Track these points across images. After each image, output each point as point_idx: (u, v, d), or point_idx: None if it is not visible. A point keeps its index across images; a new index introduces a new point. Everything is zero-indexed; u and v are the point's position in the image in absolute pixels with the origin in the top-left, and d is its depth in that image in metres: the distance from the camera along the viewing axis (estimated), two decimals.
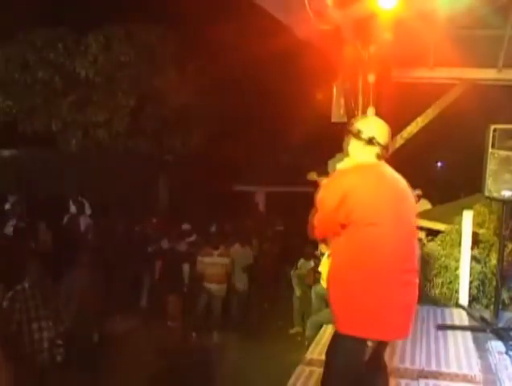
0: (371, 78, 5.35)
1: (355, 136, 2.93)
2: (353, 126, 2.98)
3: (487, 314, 5.32)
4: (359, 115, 5.52)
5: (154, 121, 13.58)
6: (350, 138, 2.96)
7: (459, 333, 4.73)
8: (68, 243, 9.18)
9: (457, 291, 5.64)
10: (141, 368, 5.53)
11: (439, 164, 23.01)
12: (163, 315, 5.97)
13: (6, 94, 12.98)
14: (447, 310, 5.38)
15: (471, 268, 5.63)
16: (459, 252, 5.69)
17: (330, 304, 2.92)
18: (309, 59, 7.83)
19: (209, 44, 13.30)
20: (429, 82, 6.50)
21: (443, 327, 4.79)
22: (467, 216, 5.59)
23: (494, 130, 4.91)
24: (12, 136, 14.04)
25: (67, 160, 14.52)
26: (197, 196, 14.99)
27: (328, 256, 6.07)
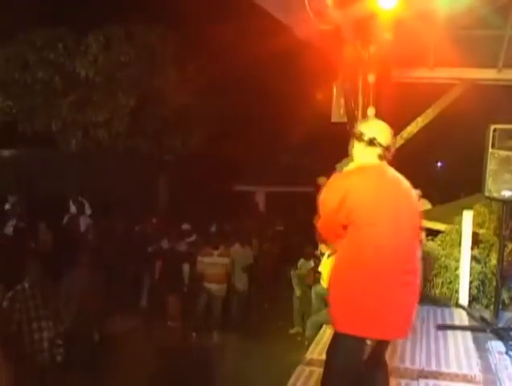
0: (371, 78, 5.35)
1: (357, 138, 2.99)
2: (356, 129, 3.05)
3: (487, 314, 5.32)
4: (359, 115, 5.53)
5: (154, 121, 13.57)
6: (353, 141, 3.02)
7: (459, 333, 4.73)
8: (68, 243, 9.18)
9: (457, 291, 5.64)
10: (141, 368, 5.52)
11: (439, 164, 23.03)
12: (163, 315, 5.97)
13: (6, 94, 12.97)
14: (447, 310, 5.38)
15: (471, 268, 5.63)
16: (459, 252, 5.69)
17: (329, 303, 2.94)
18: (309, 59, 7.83)
19: (209, 44, 13.30)
20: (429, 82, 6.49)
21: (443, 327, 4.79)
22: (467, 216, 5.59)
23: (494, 130, 4.91)
24: (12, 136, 14.02)
25: (67, 160, 14.51)
26: (197, 196, 14.99)
27: (328, 256, 6.08)
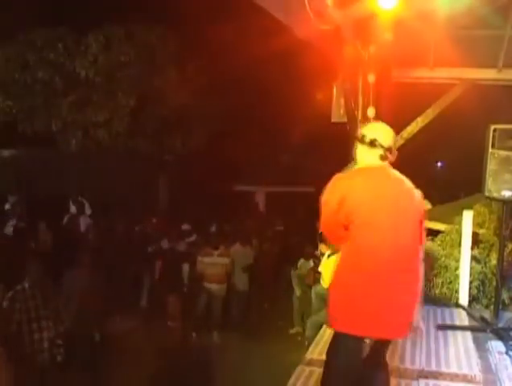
0: (371, 78, 5.34)
1: (359, 140, 3.03)
2: (358, 132, 3.09)
3: (487, 314, 5.32)
4: (359, 115, 5.53)
5: (154, 121, 13.56)
6: (356, 144, 3.06)
7: (459, 333, 4.73)
8: (68, 243, 9.17)
9: (457, 291, 5.64)
10: (141, 368, 5.52)
11: (439, 164, 23.06)
12: (163, 315, 5.96)
13: (6, 94, 12.95)
14: (447, 310, 5.38)
15: (471, 268, 5.63)
16: (459, 252, 5.70)
17: (328, 303, 2.95)
18: (309, 59, 7.83)
19: (209, 44, 13.29)
20: (429, 82, 6.49)
21: (443, 327, 4.79)
22: (467, 216, 5.59)
23: (494, 130, 4.92)
24: (12, 136, 14.02)
25: (67, 160, 14.51)
26: (197, 196, 14.99)
27: (328, 256, 6.09)
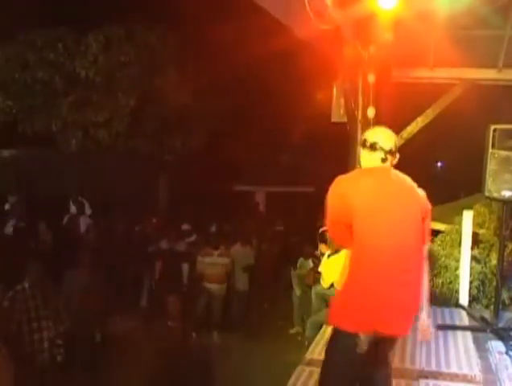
0: (371, 78, 5.35)
1: (362, 145, 3.09)
2: (361, 137, 3.16)
3: (487, 314, 5.33)
4: (359, 115, 5.54)
5: (154, 121, 13.56)
6: (360, 149, 3.12)
7: (459, 333, 4.74)
8: (68, 243, 9.18)
9: (457, 291, 5.64)
10: (141, 368, 5.52)
11: (439, 164, 23.06)
12: (163, 315, 5.96)
13: (6, 94, 12.95)
14: (447, 310, 5.38)
15: (471, 268, 5.64)
16: (459, 252, 5.70)
17: (331, 300, 3.04)
18: (309, 59, 7.84)
19: (209, 44, 13.29)
20: (429, 82, 6.49)
21: (443, 327, 4.79)
22: (467, 216, 5.60)
23: (494, 130, 4.92)
24: (12, 136, 14.01)
25: (67, 160, 14.50)
26: (197, 196, 14.99)
27: (329, 256, 6.09)
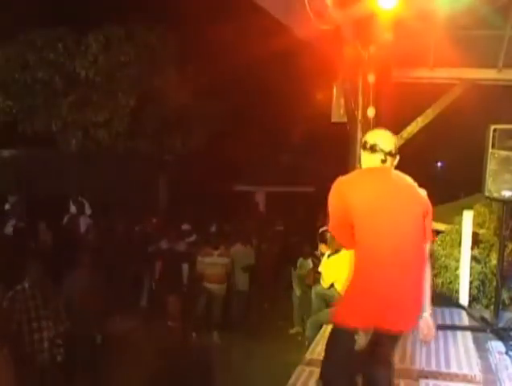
0: (371, 78, 5.35)
1: (362, 147, 3.12)
2: (362, 140, 3.19)
3: (487, 314, 5.33)
4: (359, 115, 5.54)
5: (154, 121, 13.56)
6: (361, 152, 3.15)
7: (459, 333, 4.74)
8: (68, 243, 9.17)
9: (457, 291, 5.64)
10: (141, 368, 5.51)
11: (439, 164, 23.06)
12: (163, 315, 5.96)
13: (6, 94, 12.94)
14: (447, 310, 5.38)
15: (471, 268, 5.63)
16: (459, 252, 5.70)
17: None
18: (309, 59, 7.83)
19: (209, 44, 13.29)
20: (429, 82, 6.49)
21: (443, 327, 4.79)
22: (467, 216, 5.59)
23: (494, 130, 4.92)
24: (12, 136, 14.01)
25: (67, 160, 14.50)
26: (197, 196, 14.98)
27: (329, 256, 6.08)
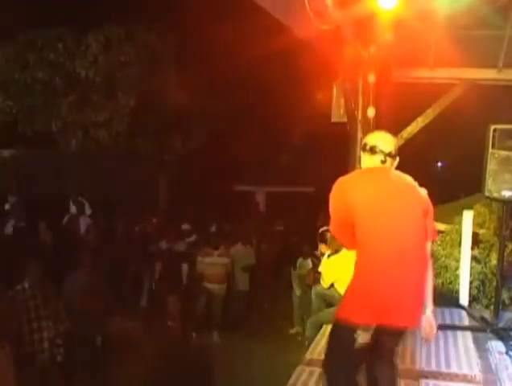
0: (371, 78, 5.35)
1: (362, 149, 3.13)
2: (362, 142, 3.20)
3: (487, 314, 5.32)
4: (359, 115, 5.54)
5: (154, 121, 13.56)
6: (361, 154, 3.16)
7: (459, 333, 4.74)
8: (68, 243, 9.17)
9: (457, 291, 5.64)
10: (141, 368, 5.51)
11: (439, 164, 23.07)
12: (163, 315, 5.95)
13: (6, 94, 12.95)
14: (447, 310, 5.38)
15: (471, 268, 5.63)
16: (459, 252, 5.70)
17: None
18: (309, 59, 7.83)
19: (209, 44, 13.29)
20: (429, 82, 6.49)
21: (443, 327, 4.78)
22: (467, 216, 5.59)
23: (494, 130, 4.91)
24: (12, 136, 14.02)
25: (67, 160, 14.50)
26: (197, 196, 14.99)
27: (329, 256, 6.08)
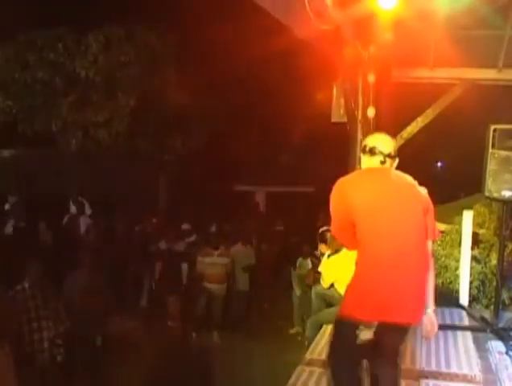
0: (371, 78, 5.35)
1: (362, 151, 3.16)
2: (362, 144, 3.23)
3: (487, 314, 5.33)
4: (359, 115, 5.54)
5: (154, 121, 13.56)
6: (361, 156, 3.19)
7: (459, 333, 4.74)
8: (68, 243, 9.17)
9: (457, 291, 5.64)
10: (141, 368, 5.51)
11: (439, 164, 23.06)
12: (163, 315, 5.96)
13: (6, 94, 12.95)
14: (447, 310, 5.38)
15: (471, 268, 5.63)
16: (459, 252, 5.70)
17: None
18: (309, 59, 7.83)
19: (209, 44, 13.29)
20: (429, 82, 6.49)
21: (443, 327, 4.78)
22: (467, 216, 5.59)
23: (494, 130, 4.92)
24: (12, 136, 14.02)
25: (67, 160, 14.50)
26: (197, 196, 14.99)
27: (329, 256, 6.08)
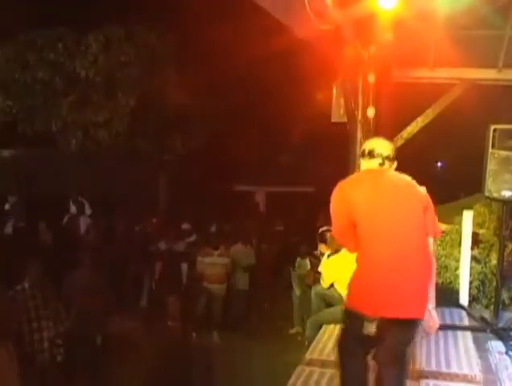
0: (371, 78, 5.35)
1: (361, 155, 3.20)
2: (361, 149, 3.27)
3: (487, 314, 5.33)
4: (359, 115, 5.54)
5: (154, 121, 13.56)
6: (360, 160, 3.23)
7: (459, 333, 4.74)
8: (68, 243, 9.17)
9: (457, 291, 5.64)
10: (141, 368, 5.52)
11: (439, 164, 23.06)
12: (163, 315, 5.96)
13: (6, 94, 12.95)
14: (447, 310, 5.37)
15: (471, 268, 5.63)
16: (459, 252, 5.70)
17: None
18: (309, 59, 7.83)
19: (209, 44, 13.29)
20: (429, 82, 6.48)
21: (443, 327, 4.78)
22: (467, 216, 5.59)
23: (494, 130, 4.92)
24: (12, 136, 14.02)
25: (67, 160, 14.50)
26: (197, 196, 14.98)
27: (328, 256, 6.08)
